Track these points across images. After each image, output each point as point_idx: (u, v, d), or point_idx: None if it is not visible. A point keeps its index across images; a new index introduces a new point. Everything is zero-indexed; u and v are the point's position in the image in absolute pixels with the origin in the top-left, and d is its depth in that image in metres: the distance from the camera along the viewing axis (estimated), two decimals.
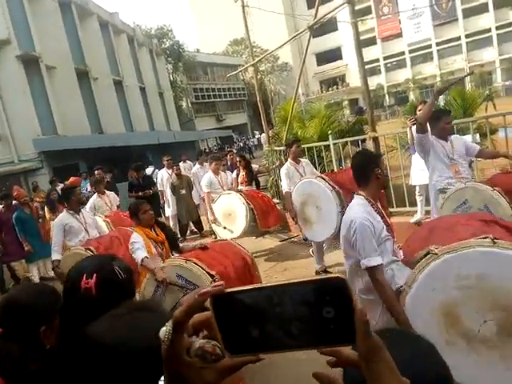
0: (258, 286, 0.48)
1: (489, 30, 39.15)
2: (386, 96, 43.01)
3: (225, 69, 39.50)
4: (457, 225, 2.27)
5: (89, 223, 4.88)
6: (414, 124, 4.31)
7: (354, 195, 2.55)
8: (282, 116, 8.63)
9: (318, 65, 47.48)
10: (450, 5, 39.52)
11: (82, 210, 5.11)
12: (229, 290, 0.48)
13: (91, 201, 6.40)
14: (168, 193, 7.96)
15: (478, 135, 5.64)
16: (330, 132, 6.61)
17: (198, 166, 8.36)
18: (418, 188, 5.57)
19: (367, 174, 2.51)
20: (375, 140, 5.96)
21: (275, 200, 7.76)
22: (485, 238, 1.91)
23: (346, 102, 33.21)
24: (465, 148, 3.90)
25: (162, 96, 30.67)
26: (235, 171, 6.94)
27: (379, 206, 2.54)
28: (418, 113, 5.44)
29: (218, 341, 0.48)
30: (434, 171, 3.92)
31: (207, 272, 2.94)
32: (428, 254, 1.99)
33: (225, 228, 5.87)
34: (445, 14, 40.27)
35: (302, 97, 22.63)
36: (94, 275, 1.26)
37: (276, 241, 6.85)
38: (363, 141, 6.73)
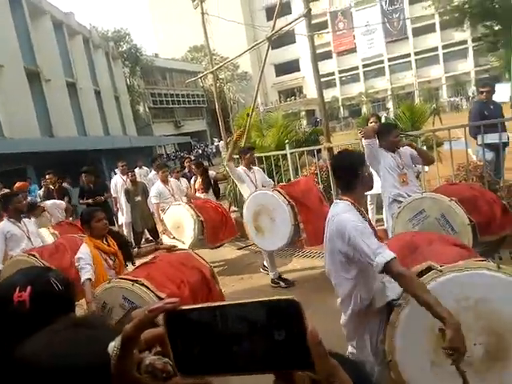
0: (212, 305, 0.47)
1: (436, 49, 41.71)
2: (341, 108, 44.47)
3: (184, 75, 39.21)
4: (431, 240, 2.28)
5: (31, 231, 4.62)
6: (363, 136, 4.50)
7: (337, 201, 2.33)
8: (241, 124, 8.68)
9: (277, 75, 48.32)
10: (400, 23, 41.72)
11: (26, 218, 4.83)
12: (182, 307, 0.47)
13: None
14: (122, 200, 7.72)
15: (425, 148, 5.96)
16: (287, 141, 6.73)
17: (154, 172, 8.19)
18: (369, 197, 5.78)
19: (354, 176, 2.28)
20: (330, 150, 6.15)
21: (233, 208, 7.76)
22: (488, 261, 1.93)
23: (303, 113, 34.02)
24: (411, 157, 4.12)
25: (118, 100, 29.86)
26: (193, 178, 6.88)
27: (363, 210, 2.36)
28: (369, 124, 5.69)
29: (171, 358, 0.47)
30: (386, 181, 4.10)
31: (156, 294, 2.79)
32: (430, 269, 1.95)
33: (174, 238, 5.65)
34: (396, 32, 42.43)
35: (260, 106, 22.90)
36: (28, 287, 1.17)
37: (234, 249, 6.83)
38: (319, 151, 6.90)
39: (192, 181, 6.83)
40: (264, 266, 5.38)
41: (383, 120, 7.20)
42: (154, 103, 39.06)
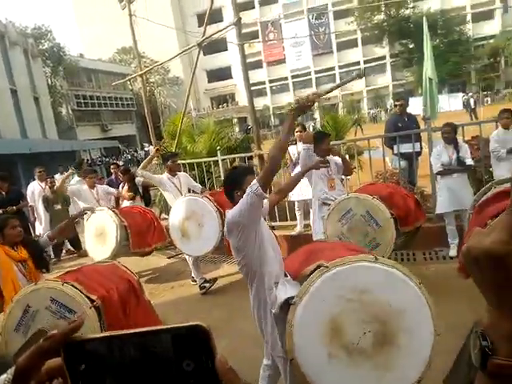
0: (113, 333, 0.42)
1: (358, 63, 44.51)
2: (272, 116, 45.60)
3: (111, 77, 37.56)
4: (336, 248, 2.45)
5: None
6: (291, 144, 4.67)
7: (228, 210, 2.50)
8: (171, 130, 8.53)
9: (209, 82, 48.26)
10: (326, 37, 43.98)
11: None
12: (80, 337, 0.42)
13: None
14: (40, 208, 7.17)
15: (347, 156, 6.34)
16: (218, 148, 6.74)
17: (76, 178, 7.73)
18: (296, 203, 5.98)
19: (229, 194, 2.54)
20: (261, 157, 6.29)
21: (164, 215, 7.57)
22: (368, 255, 2.11)
23: (235, 120, 34.29)
24: (336, 165, 4.39)
25: (37, 100, 27.75)
26: (121, 185, 6.60)
27: None
28: (295, 134, 5.93)
29: None
30: (317, 185, 4.37)
31: (86, 296, 2.68)
32: (319, 267, 2.08)
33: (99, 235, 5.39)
34: (322, 46, 44.64)
35: (193, 112, 22.67)
36: None
37: (163, 258, 6.66)
38: (250, 158, 7.02)
39: (120, 188, 6.55)
40: (192, 277, 5.32)
41: (310, 129, 7.51)
42: (79, 105, 36.88)
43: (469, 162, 4.61)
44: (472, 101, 25.26)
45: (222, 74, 46.71)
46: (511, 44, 35.64)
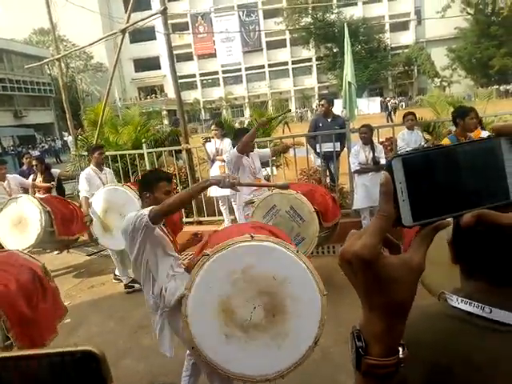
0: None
1: (286, 63, 45.75)
2: (202, 110, 45.13)
3: (27, 59, 34.28)
4: (231, 232, 2.52)
5: None
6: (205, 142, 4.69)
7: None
8: (92, 119, 8.05)
9: (136, 71, 46.34)
10: (256, 35, 44.50)
11: None
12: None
13: None
14: None
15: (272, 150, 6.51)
16: (144, 140, 6.52)
17: None
18: (220, 200, 6.02)
19: (140, 193, 2.63)
20: (188, 151, 6.21)
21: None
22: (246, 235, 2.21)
23: (164, 112, 33.34)
24: (259, 157, 4.50)
25: None
26: (31, 176, 6.09)
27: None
28: (212, 131, 5.98)
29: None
30: (242, 188, 4.37)
31: None
32: (203, 256, 2.17)
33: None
34: (252, 43, 45.10)
35: (118, 101, 21.59)
36: None
37: (83, 255, 6.29)
38: (179, 151, 6.88)
39: (30, 179, 6.03)
40: (115, 275, 5.10)
41: (236, 124, 7.59)
42: None
43: (383, 161, 4.99)
44: (390, 105, 27.30)
45: (150, 63, 45.08)
46: (423, 54, 39.12)
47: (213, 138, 6.03)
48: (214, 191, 5.89)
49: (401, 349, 0.53)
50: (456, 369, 0.61)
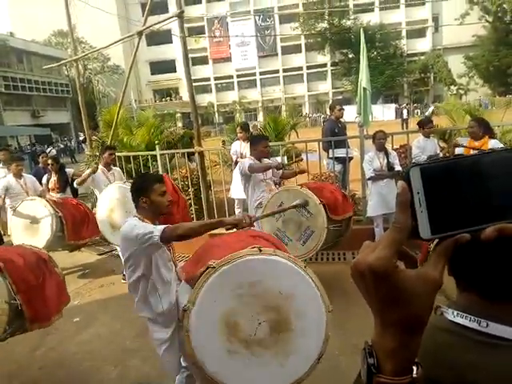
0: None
1: (301, 69, 45.73)
2: (216, 114, 45.35)
3: (46, 60, 34.92)
4: (230, 241, 2.47)
5: None
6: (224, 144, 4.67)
7: (130, 217, 2.51)
8: (108, 120, 8.14)
9: (152, 73, 46.82)
10: (271, 40, 44.63)
11: None
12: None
13: None
14: None
15: (286, 158, 6.49)
16: (157, 142, 6.56)
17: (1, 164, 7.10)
18: (236, 201, 6.01)
19: (135, 200, 2.54)
20: (201, 154, 6.21)
21: (96, 209, 7.22)
22: (253, 247, 2.14)
23: (179, 115, 33.64)
24: (272, 171, 4.49)
25: None
26: (46, 176, 6.17)
27: None
28: (238, 133, 6.00)
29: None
30: (255, 191, 4.43)
31: None
32: (208, 268, 2.09)
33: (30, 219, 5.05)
34: (267, 48, 45.21)
35: (134, 103, 21.84)
36: None
37: (94, 254, 6.34)
38: (191, 154, 6.90)
39: (44, 179, 6.10)
40: (124, 275, 5.12)
41: (251, 128, 7.60)
42: (7, 88, 33.85)
43: (397, 167, 4.93)
44: (405, 111, 27.22)
45: (166, 66, 45.52)
46: (440, 61, 38.70)
47: (238, 140, 6.11)
48: (234, 193, 5.91)
49: (415, 368, 0.50)
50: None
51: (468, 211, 0.49)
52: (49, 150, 21.01)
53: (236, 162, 5.96)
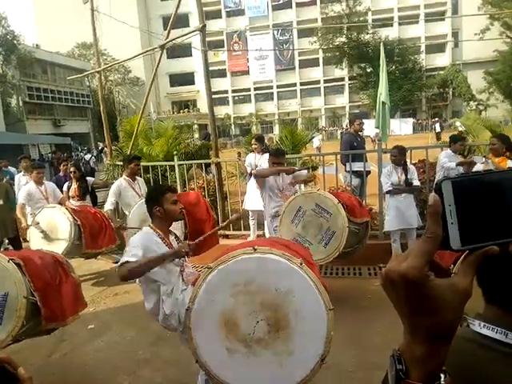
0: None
1: (318, 82, 45.93)
2: (233, 126, 45.78)
3: (69, 71, 36.06)
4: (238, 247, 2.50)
5: None
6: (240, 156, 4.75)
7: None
8: (128, 130, 8.30)
9: (172, 86, 47.72)
10: (289, 54, 45.06)
11: None
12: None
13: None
14: None
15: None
16: (175, 153, 6.64)
17: (21, 173, 7.28)
18: (250, 213, 6.01)
19: (149, 210, 2.69)
20: (218, 165, 6.27)
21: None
22: (249, 247, 2.16)
23: (196, 126, 34.04)
24: (292, 178, 4.55)
25: None
26: (67, 183, 6.29)
27: (169, 238, 2.69)
28: (252, 145, 6.05)
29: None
30: (271, 200, 4.48)
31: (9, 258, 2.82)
32: (205, 268, 2.16)
33: (43, 232, 5.12)
34: (285, 61, 45.66)
35: (153, 114, 22.24)
36: None
37: (109, 262, 6.39)
38: (208, 165, 6.97)
39: (65, 187, 6.21)
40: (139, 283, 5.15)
41: (266, 140, 7.66)
42: (31, 97, 34.95)
43: (416, 183, 4.86)
44: (438, 125, 27.77)
45: (184, 79, 46.36)
46: (459, 76, 38.36)
47: (253, 151, 6.11)
48: (248, 204, 5.92)
49: (442, 375, 0.52)
50: None
51: (498, 224, 0.50)
52: (88, 156, 22.05)
53: (250, 174, 5.98)
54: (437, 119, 34.19)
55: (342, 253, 4.24)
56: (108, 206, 5.17)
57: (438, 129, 27.49)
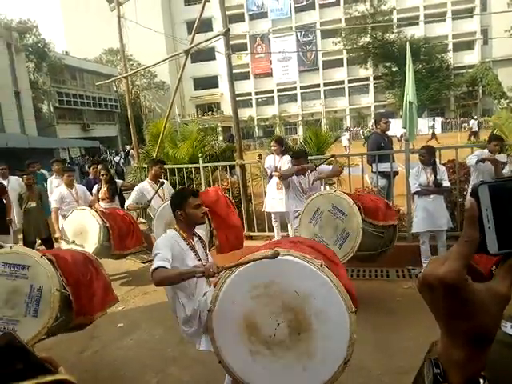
0: None
1: (342, 82, 45.49)
2: (256, 128, 45.89)
3: (96, 77, 37.09)
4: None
5: None
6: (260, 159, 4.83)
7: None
8: (154, 134, 8.47)
9: (196, 89, 48.31)
10: (313, 55, 44.83)
11: None
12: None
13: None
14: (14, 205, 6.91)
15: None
16: (200, 155, 6.72)
17: (53, 176, 7.52)
18: (273, 215, 6.01)
19: (174, 211, 2.78)
20: (242, 167, 6.30)
21: (141, 219, 7.47)
22: (269, 249, 2.12)
23: (220, 129, 34.32)
24: (317, 173, 4.60)
25: (18, 95, 27.10)
26: (96, 186, 6.47)
27: (193, 240, 2.76)
28: (272, 147, 6.06)
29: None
30: (295, 201, 4.51)
31: (41, 254, 2.94)
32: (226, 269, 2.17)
33: (74, 242, 5.26)
34: (309, 63, 45.45)
35: (177, 117, 22.58)
36: None
37: (138, 262, 6.53)
38: (232, 167, 7.02)
39: (95, 189, 6.40)
40: None
41: (289, 141, 7.64)
42: (61, 103, 36.16)
43: (446, 183, 4.72)
44: (475, 123, 26.59)
45: (208, 82, 46.83)
46: (489, 74, 37.16)
47: (272, 153, 6.10)
48: (268, 207, 5.92)
49: (481, 380, 0.51)
50: None
51: None
52: (117, 158, 22.81)
53: (270, 176, 5.97)
54: (475, 117, 32.67)
55: (369, 256, 4.20)
56: (128, 201, 5.36)
57: (475, 128, 25.97)
